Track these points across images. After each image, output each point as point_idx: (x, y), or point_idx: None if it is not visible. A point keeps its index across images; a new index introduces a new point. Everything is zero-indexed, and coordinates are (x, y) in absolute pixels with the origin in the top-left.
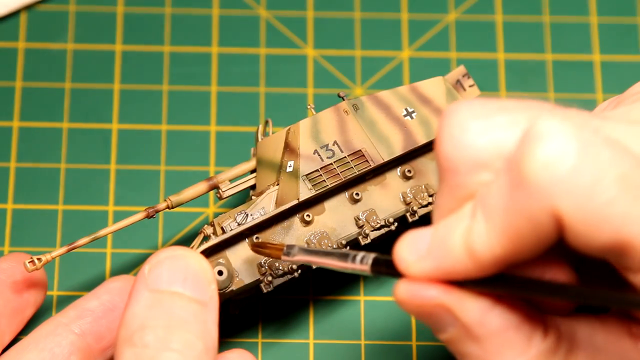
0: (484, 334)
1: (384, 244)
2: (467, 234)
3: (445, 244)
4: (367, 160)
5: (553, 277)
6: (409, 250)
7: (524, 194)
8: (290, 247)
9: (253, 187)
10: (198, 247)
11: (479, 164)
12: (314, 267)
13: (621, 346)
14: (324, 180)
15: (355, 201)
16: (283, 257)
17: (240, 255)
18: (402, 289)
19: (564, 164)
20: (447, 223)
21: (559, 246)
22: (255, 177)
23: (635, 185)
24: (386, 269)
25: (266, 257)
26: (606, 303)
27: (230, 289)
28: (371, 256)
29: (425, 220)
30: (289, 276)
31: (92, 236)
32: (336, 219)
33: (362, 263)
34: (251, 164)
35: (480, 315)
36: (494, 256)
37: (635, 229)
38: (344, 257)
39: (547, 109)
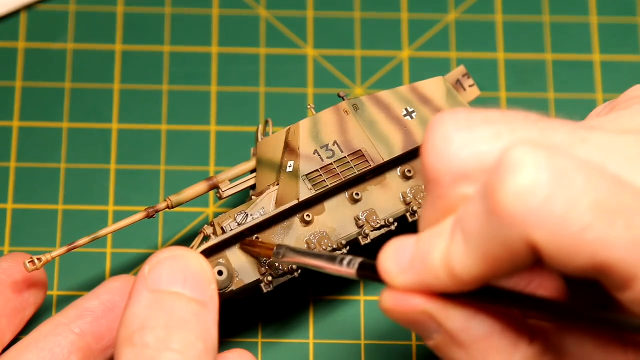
0: (469, 340)
1: (384, 244)
2: (446, 254)
3: (426, 261)
4: (367, 161)
5: (540, 285)
6: (393, 261)
7: (498, 224)
8: (280, 247)
9: (253, 187)
10: (198, 247)
11: (461, 176)
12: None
13: (611, 353)
14: (324, 181)
15: (356, 201)
16: (273, 258)
17: (240, 255)
18: (387, 298)
19: (536, 194)
20: (428, 237)
21: None
22: (255, 177)
23: (610, 209)
24: (372, 274)
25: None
26: (588, 321)
27: (231, 289)
28: (358, 261)
29: None
30: (289, 276)
31: (92, 236)
32: (336, 219)
33: (349, 267)
34: (251, 164)
35: (464, 322)
36: (472, 276)
37: (611, 253)
38: (331, 260)
39: (531, 120)
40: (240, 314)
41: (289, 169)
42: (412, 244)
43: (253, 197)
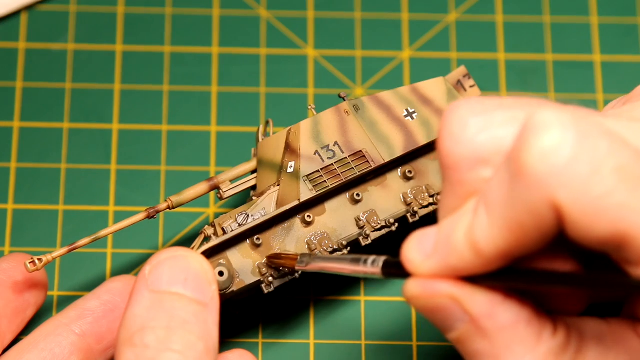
0: (494, 328)
1: (384, 244)
2: (469, 229)
3: (450, 241)
4: (367, 161)
5: (558, 269)
6: (416, 249)
7: (523, 186)
8: (304, 255)
9: (254, 187)
10: (199, 247)
11: (479, 160)
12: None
13: (630, 346)
14: (325, 181)
15: (356, 202)
16: (297, 267)
17: (241, 256)
18: (412, 286)
19: (561, 154)
20: (450, 220)
21: (563, 241)
22: (256, 177)
23: (634, 176)
24: (397, 270)
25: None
26: (615, 288)
27: (231, 289)
28: (382, 259)
29: (426, 221)
30: (290, 277)
31: (93, 236)
32: (337, 220)
33: (373, 266)
34: (252, 164)
35: (490, 308)
36: (497, 250)
37: (633, 219)
38: (356, 261)
39: (546, 104)
40: (240, 314)
41: (290, 170)
42: (434, 232)
43: (254, 198)
